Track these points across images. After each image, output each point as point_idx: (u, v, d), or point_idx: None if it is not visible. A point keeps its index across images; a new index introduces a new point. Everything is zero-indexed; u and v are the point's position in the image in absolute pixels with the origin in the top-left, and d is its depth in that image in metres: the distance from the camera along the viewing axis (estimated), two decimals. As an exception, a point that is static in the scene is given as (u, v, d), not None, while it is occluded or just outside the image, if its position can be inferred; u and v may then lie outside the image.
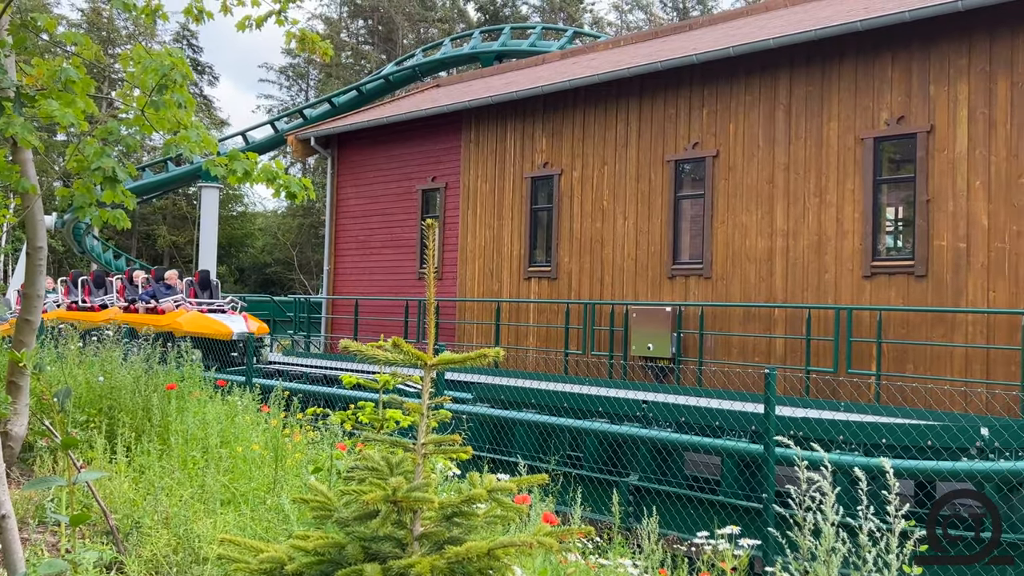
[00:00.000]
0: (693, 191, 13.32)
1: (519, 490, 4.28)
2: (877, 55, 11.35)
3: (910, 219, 11.11)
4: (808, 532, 5.24)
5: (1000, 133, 10.30)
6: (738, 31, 14.19)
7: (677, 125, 13.47)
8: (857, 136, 11.46)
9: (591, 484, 9.57)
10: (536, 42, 26.12)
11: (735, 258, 12.57)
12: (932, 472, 7.57)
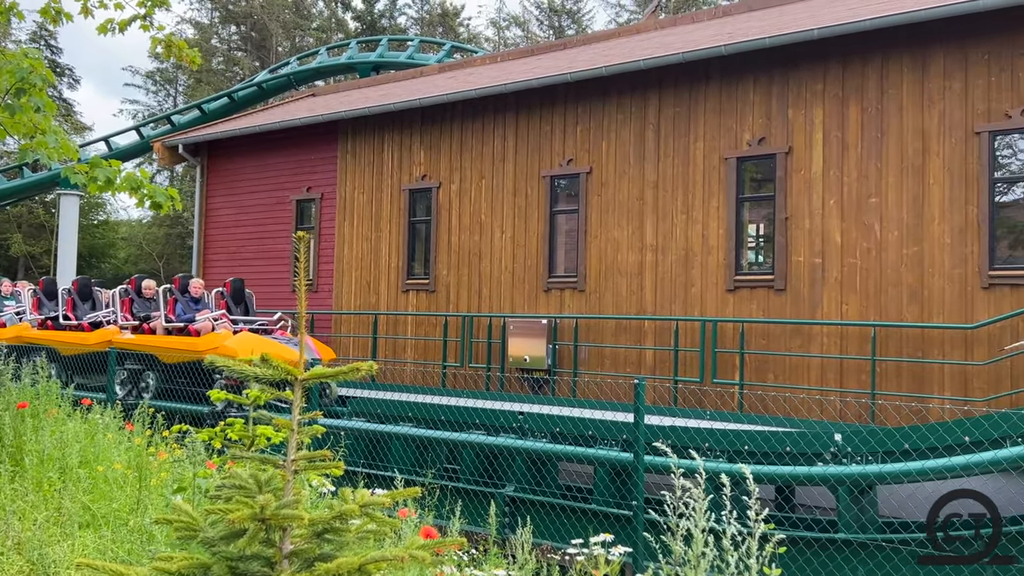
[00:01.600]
0: (568, 206, 13.59)
1: (395, 504, 4.25)
2: (741, 78, 11.91)
3: (770, 235, 11.68)
4: (679, 538, 5.42)
5: (852, 155, 10.98)
6: (611, 51, 14.60)
7: (552, 141, 13.73)
8: (721, 156, 11.97)
9: (468, 496, 9.59)
10: (414, 54, 26.10)
11: (608, 272, 12.89)
12: (790, 477, 7.96)
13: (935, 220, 10.30)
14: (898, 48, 10.69)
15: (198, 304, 13.23)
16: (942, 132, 10.35)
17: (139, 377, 12.98)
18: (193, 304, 13.12)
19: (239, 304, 13.71)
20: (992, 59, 10.07)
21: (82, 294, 15.26)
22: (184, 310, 12.94)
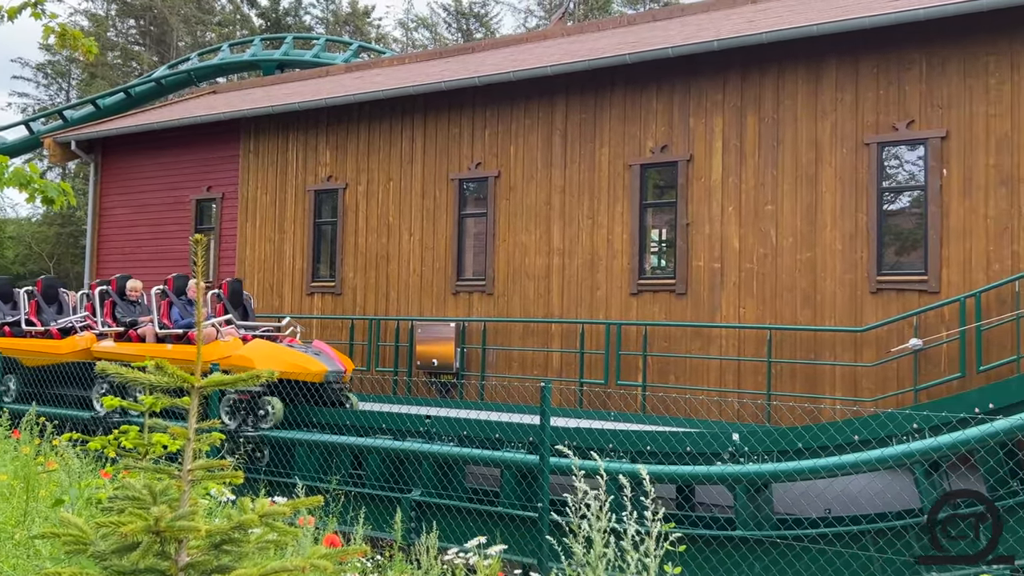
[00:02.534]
0: (476, 209, 13.62)
1: (296, 512, 4.18)
2: (644, 87, 12.16)
3: (672, 241, 11.96)
4: (581, 539, 5.50)
5: (750, 164, 11.34)
6: (519, 56, 14.71)
7: (461, 144, 13.73)
8: (626, 162, 12.20)
9: (374, 502, 9.51)
10: (320, 53, 25.71)
11: (515, 275, 12.98)
12: (689, 476, 8.16)
13: (827, 227, 10.73)
14: (794, 61, 11.10)
15: (193, 308, 11.56)
16: (834, 143, 10.79)
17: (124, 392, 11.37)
18: (190, 308, 11.54)
19: (237, 308, 12.03)
20: (881, 73, 10.56)
21: (47, 296, 13.34)
22: (182, 314, 11.40)
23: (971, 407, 7.75)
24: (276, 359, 10.37)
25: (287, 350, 10.78)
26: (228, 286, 12.05)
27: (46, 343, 12.44)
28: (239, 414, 10.39)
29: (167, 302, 11.54)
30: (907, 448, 7.41)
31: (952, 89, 10.13)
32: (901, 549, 7.38)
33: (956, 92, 10.11)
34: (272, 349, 10.68)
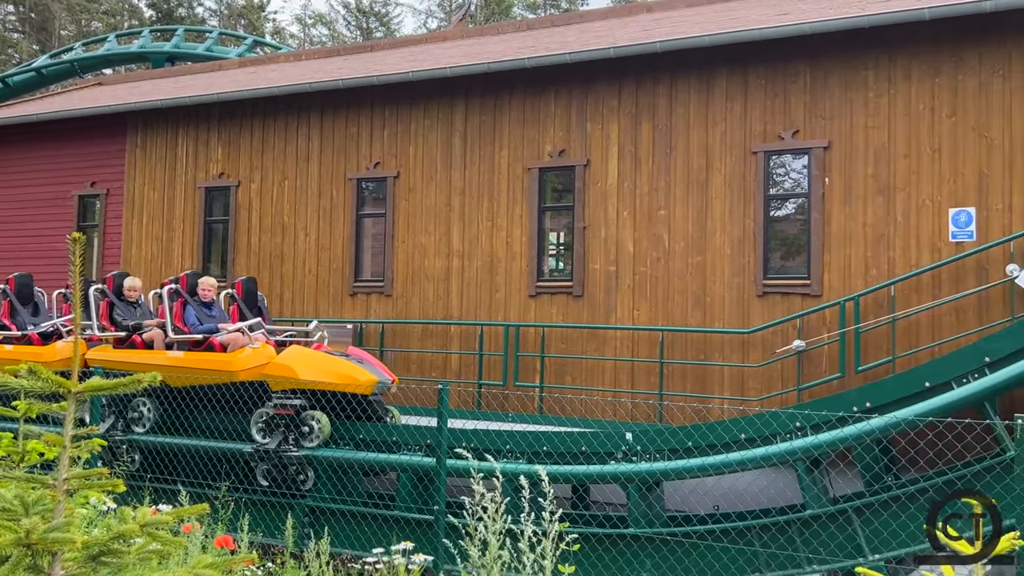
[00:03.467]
0: (375, 210, 13.49)
1: (181, 521, 4.04)
2: (543, 91, 12.29)
3: (570, 244, 12.12)
4: (477, 541, 5.50)
5: (644, 170, 11.59)
6: (419, 57, 14.64)
7: (359, 144, 13.57)
8: (525, 165, 12.30)
9: (266, 508, 9.29)
10: (213, 47, 24.97)
11: (415, 276, 12.91)
12: (584, 476, 8.28)
13: (717, 232, 11.07)
14: (686, 70, 11.40)
15: (212, 310, 10.56)
16: (724, 150, 11.14)
17: (126, 406, 10.18)
18: (207, 310, 10.47)
19: (252, 310, 10.94)
20: (768, 84, 10.96)
21: (21, 295, 11.73)
22: (200, 318, 10.28)
23: (849, 406, 8.12)
24: (321, 368, 9.41)
25: (331, 358, 9.73)
26: (242, 286, 11.02)
27: (25, 351, 10.66)
28: (278, 431, 9.31)
29: (180, 303, 10.30)
30: (790, 446, 7.71)
31: (834, 101, 10.60)
32: (784, 544, 7.67)
33: (838, 104, 10.58)
34: (315, 357, 9.66)
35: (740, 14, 12.09)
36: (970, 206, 9.86)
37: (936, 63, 10.10)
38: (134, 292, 10.97)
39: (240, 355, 9.62)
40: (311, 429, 9.31)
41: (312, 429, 9.30)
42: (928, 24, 9.92)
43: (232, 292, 10.86)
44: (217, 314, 10.59)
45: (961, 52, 9.99)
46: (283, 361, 9.52)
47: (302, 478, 9.36)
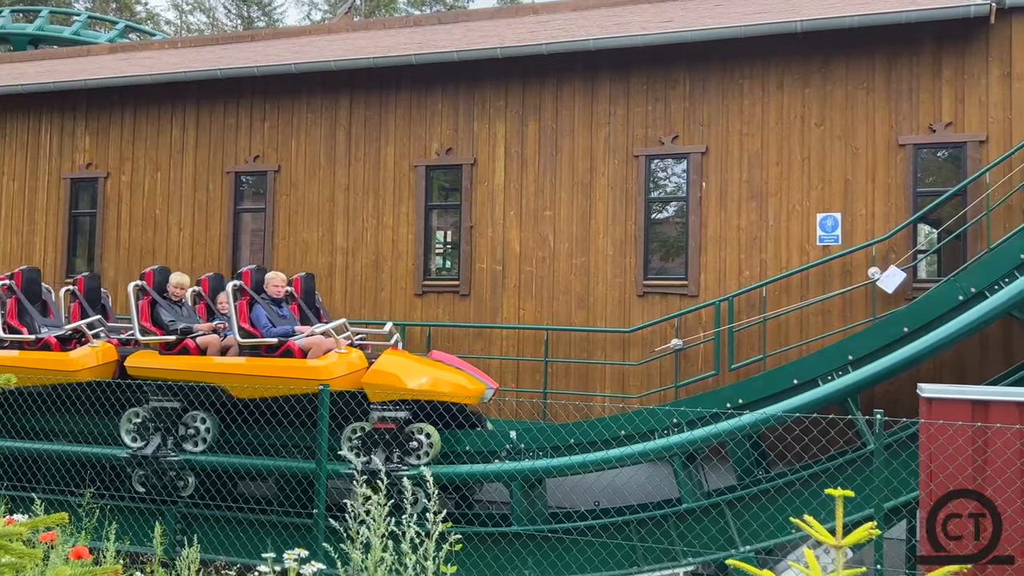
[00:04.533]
0: (254, 205, 13.11)
1: (36, 531, 3.81)
2: (430, 89, 12.21)
3: (457, 243, 12.10)
4: (359, 544, 5.41)
5: (530, 170, 11.68)
6: (302, 48, 14.31)
7: (238, 136, 13.16)
8: (411, 163, 12.20)
9: (135, 515, 8.89)
10: (81, 31, 23.71)
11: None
12: (467, 475, 8.27)
13: (600, 234, 11.27)
14: (572, 73, 11.56)
15: (283, 309, 9.35)
16: (607, 153, 11.35)
17: (175, 421, 8.97)
18: (278, 309, 9.27)
19: (311, 309, 10.00)
20: (650, 90, 11.23)
21: (29, 293, 10.11)
22: (271, 319, 9.07)
23: (723, 402, 8.41)
24: (431, 376, 8.57)
25: (434, 363, 8.99)
26: (301, 283, 9.97)
27: (46, 357, 9.33)
28: (380, 448, 8.34)
29: (245, 301, 9.06)
30: (666, 442, 7.92)
31: (712, 108, 10.95)
32: (661, 537, 7.88)
33: (715, 111, 10.94)
34: (420, 364, 8.87)
35: (624, 19, 12.34)
36: (836, 212, 10.37)
37: (806, 74, 10.58)
38: (180, 290, 9.65)
39: (328, 362, 8.53)
40: (419, 444, 8.38)
41: (420, 444, 8.39)
42: (800, 36, 10.37)
43: (291, 290, 9.69)
44: (288, 315, 9.41)
45: (830, 64, 10.50)
46: (386, 368, 8.57)
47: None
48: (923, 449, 6.39)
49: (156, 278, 9.57)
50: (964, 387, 6.86)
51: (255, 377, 8.60)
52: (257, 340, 8.79)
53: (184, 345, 9.08)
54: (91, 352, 9.25)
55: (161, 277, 9.63)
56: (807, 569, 3.15)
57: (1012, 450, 6.12)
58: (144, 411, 8.99)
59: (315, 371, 8.42)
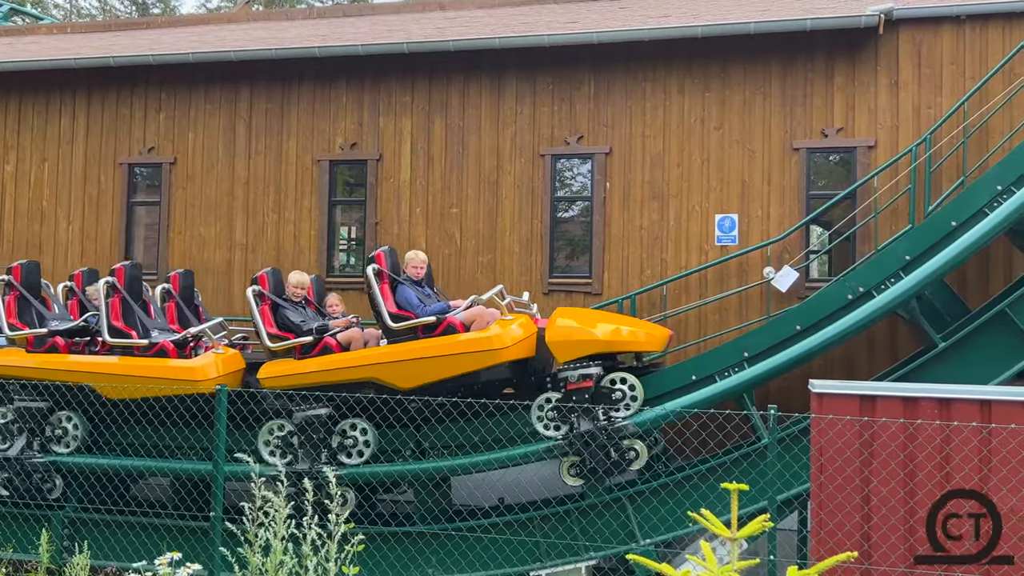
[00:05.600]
0: (149, 198, 12.66)
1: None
2: (334, 82, 12.01)
3: (361, 239, 11.95)
4: (258, 548, 5.28)
5: (437, 167, 11.63)
6: (201, 38, 13.87)
7: (132, 127, 12.68)
8: (314, 157, 11.98)
9: (18, 521, 8.47)
10: (-39, 12, 22.43)
11: (193, 269, 12.20)
12: (371, 475, 8.18)
13: (506, 232, 11.31)
14: (478, 71, 11.55)
15: (423, 287, 8.85)
16: (513, 152, 11.39)
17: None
18: (421, 289, 8.74)
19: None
20: (556, 90, 11.32)
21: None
22: (420, 298, 8.51)
23: (625, 399, 8.52)
24: (613, 325, 8.28)
25: (607, 314, 8.79)
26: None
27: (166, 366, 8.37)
28: (584, 413, 7.77)
29: (386, 284, 8.46)
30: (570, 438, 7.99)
31: (616, 110, 11.12)
32: (563, 533, 7.96)
33: (619, 113, 11.11)
34: (593, 313, 8.65)
35: (530, 19, 12.40)
36: (733, 213, 10.68)
37: (707, 78, 10.85)
38: (300, 290, 9.06)
39: (498, 331, 8.00)
40: (623, 395, 7.95)
41: (624, 395, 7.95)
42: (701, 41, 10.63)
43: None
44: (431, 293, 8.95)
45: (728, 69, 10.79)
46: (568, 323, 8.19)
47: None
48: (814, 443, 6.64)
49: (271, 280, 9.01)
50: (853, 383, 7.16)
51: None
52: (414, 322, 8.17)
53: (325, 344, 8.46)
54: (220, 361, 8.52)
55: (275, 279, 9.10)
56: (704, 561, 3.23)
57: (896, 443, 6.42)
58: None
59: (489, 342, 8.01)
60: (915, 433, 6.36)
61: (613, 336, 8.22)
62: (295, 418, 8.15)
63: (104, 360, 8.52)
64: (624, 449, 7.83)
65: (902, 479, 6.40)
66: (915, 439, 6.37)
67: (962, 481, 6.30)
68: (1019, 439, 6.17)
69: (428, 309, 8.37)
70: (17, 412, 8.41)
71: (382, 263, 8.65)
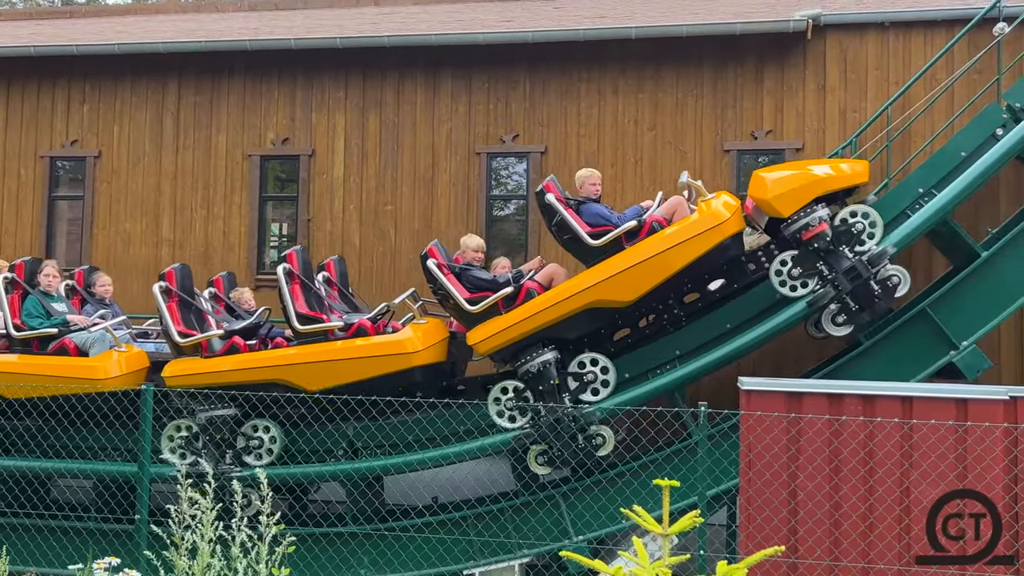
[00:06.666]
0: (72, 192, 12.29)
1: None
2: (266, 76, 11.80)
3: (293, 236, 11.77)
4: (184, 551, 5.15)
5: (371, 164, 11.52)
6: (126, 28, 13.51)
7: (54, 119, 12.28)
8: (245, 152, 11.77)
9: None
10: None
11: (118, 267, 11.89)
12: (302, 476, 8.07)
13: (442, 230, 11.25)
14: (414, 68, 11.48)
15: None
16: (449, 150, 11.35)
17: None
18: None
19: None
20: (491, 88, 11.32)
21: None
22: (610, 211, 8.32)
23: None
24: (823, 166, 8.14)
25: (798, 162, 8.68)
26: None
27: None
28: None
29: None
30: (504, 436, 8.00)
31: (551, 109, 11.16)
32: (497, 531, 7.96)
33: (554, 112, 11.16)
34: (790, 164, 8.62)
35: (466, 16, 12.38)
36: (666, 213, 10.80)
37: (640, 80, 10.97)
38: (504, 269, 8.79)
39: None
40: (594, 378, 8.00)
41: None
42: (635, 43, 10.74)
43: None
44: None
45: (662, 72, 10.92)
46: (781, 173, 8.04)
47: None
48: (743, 439, 6.77)
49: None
50: (780, 380, 7.32)
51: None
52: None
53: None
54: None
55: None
56: (636, 557, 3.26)
57: (822, 439, 6.58)
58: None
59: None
60: (840, 429, 6.54)
61: (835, 171, 7.93)
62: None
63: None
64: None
65: (827, 474, 6.57)
66: (840, 435, 6.54)
67: (885, 476, 6.49)
68: (939, 434, 6.38)
69: (624, 216, 8.17)
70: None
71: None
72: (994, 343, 9.35)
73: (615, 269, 7.78)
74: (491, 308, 7.87)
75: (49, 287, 8.68)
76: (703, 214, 7.79)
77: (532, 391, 7.88)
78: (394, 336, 8.04)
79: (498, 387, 8.04)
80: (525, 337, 7.84)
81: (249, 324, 8.49)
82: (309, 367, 7.98)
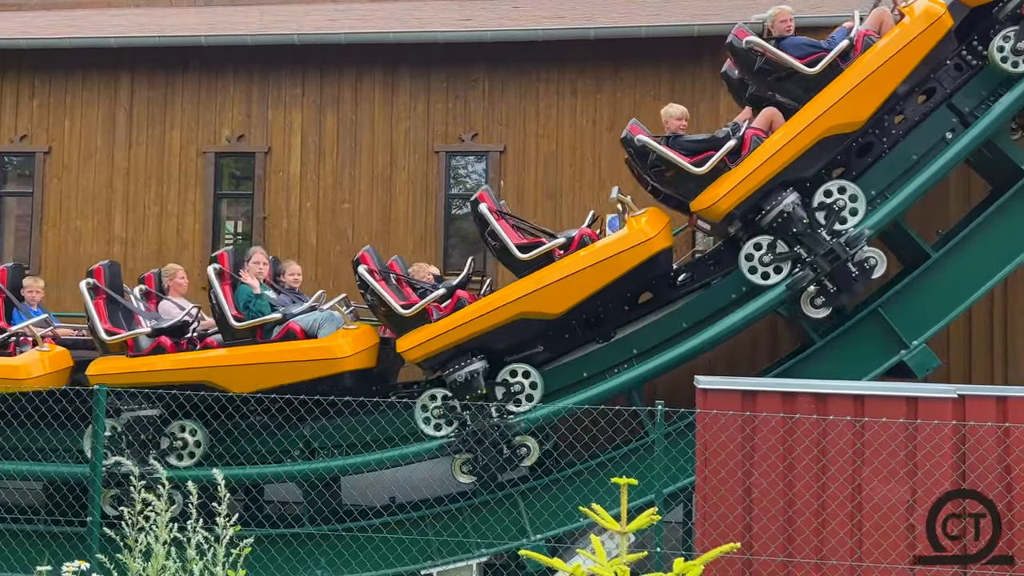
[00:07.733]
0: (20, 188, 12.05)
1: None
2: (221, 72, 11.66)
3: (249, 234, 11.65)
4: (139, 553, 5.08)
5: (329, 162, 11.44)
6: (76, 22, 13.24)
7: (2, 114, 12.01)
8: (199, 149, 11.61)
9: None
10: None
11: (69, 265, 11.68)
12: (259, 477, 7.99)
13: (400, 228, 11.23)
14: (372, 66, 11.42)
15: None
16: (407, 148, 11.32)
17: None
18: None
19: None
20: (450, 87, 11.30)
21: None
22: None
23: (518, 396, 8.56)
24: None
25: None
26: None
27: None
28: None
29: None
30: (428, 445, 7.99)
31: (510, 109, 11.18)
32: (456, 530, 7.96)
33: (513, 112, 11.18)
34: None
35: (424, 15, 12.34)
36: (625, 213, 10.88)
37: (599, 80, 11.03)
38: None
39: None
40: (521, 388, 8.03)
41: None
42: (593, 43, 10.79)
43: None
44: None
45: (620, 71, 10.99)
46: None
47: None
48: (698, 437, 6.85)
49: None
50: (735, 379, 7.41)
51: None
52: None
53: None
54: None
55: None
56: (594, 555, 3.28)
57: (776, 437, 6.68)
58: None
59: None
60: (793, 427, 6.64)
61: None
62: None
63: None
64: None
65: (781, 471, 6.67)
66: (793, 433, 6.64)
67: (837, 473, 6.61)
68: (890, 432, 6.52)
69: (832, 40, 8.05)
70: None
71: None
72: (943, 342, 9.55)
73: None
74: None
75: (260, 275, 8.53)
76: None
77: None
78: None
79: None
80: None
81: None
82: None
